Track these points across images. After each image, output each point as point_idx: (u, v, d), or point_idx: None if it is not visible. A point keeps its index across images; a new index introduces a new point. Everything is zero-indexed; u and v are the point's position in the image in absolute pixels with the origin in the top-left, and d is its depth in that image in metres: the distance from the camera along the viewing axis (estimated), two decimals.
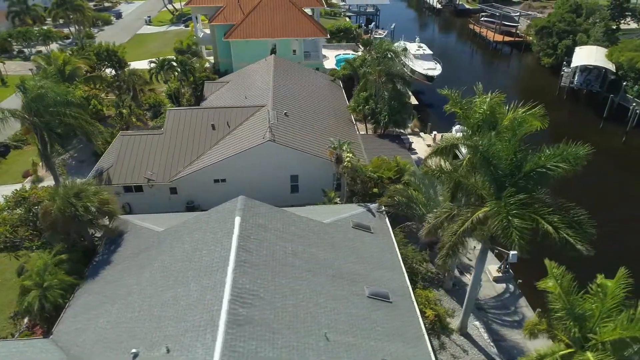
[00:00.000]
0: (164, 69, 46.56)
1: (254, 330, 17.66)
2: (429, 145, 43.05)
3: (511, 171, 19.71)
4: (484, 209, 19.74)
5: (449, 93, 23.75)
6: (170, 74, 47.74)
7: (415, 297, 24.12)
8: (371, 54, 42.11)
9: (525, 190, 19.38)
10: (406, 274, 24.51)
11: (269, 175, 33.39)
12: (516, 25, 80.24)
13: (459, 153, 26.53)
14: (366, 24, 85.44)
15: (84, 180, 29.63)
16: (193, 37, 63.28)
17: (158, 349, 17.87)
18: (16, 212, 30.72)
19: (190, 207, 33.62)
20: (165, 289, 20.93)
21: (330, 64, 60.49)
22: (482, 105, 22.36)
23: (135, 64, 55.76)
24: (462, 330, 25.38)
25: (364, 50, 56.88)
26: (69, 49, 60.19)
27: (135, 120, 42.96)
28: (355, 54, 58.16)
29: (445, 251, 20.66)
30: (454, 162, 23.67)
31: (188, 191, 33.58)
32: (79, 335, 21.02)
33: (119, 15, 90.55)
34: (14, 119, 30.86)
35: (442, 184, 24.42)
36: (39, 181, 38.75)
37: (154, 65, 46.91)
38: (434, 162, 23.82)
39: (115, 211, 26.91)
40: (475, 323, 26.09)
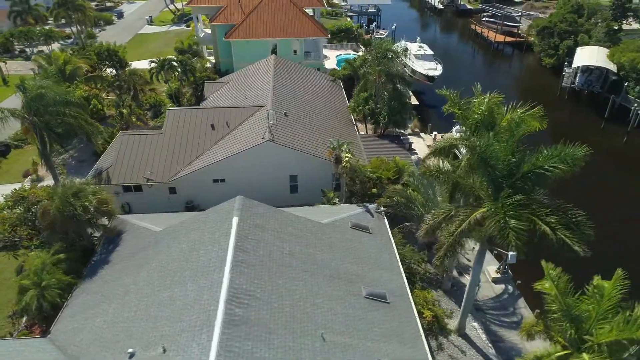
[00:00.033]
0: (165, 68, 46.61)
1: (250, 331, 17.67)
2: (429, 146, 42.92)
3: (509, 172, 19.65)
4: (482, 209, 19.65)
5: (448, 93, 23.68)
6: (170, 73, 47.80)
7: (413, 298, 24.07)
8: (372, 54, 42.05)
9: (522, 191, 19.31)
10: (404, 275, 24.43)
11: (268, 175, 33.38)
12: (518, 26, 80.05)
13: (459, 153, 26.46)
14: (367, 24, 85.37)
15: (83, 179, 29.71)
16: (194, 37, 63.31)
17: (154, 348, 17.88)
18: (15, 211, 30.76)
19: (190, 207, 33.62)
20: (162, 288, 20.94)
21: (331, 64, 60.41)
22: (481, 105, 22.28)
23: (136, 64, 55.85)
24: (460, 331, 25.32)
25: (364, 50, 56.80)
26: (70, 48, 60.32)
27: (135, 120, 43.01)
28: (356, 54, 58.06)
29: (443, 252, 20.61)
30: (452, 163, 23.63)
31: (187, 191, 33.59)
32: (76, 334, 21.03)
33: (120, 15, 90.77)
34: (13, 118, 30.93)
35: (440, 184, 24.37)
36: (39, 180, 38.84)
37: (154, 65, 46.97)
38: (433, 162, 23.78)
39: (114, 211, 26.95)
40: (473, 324, 26.02)
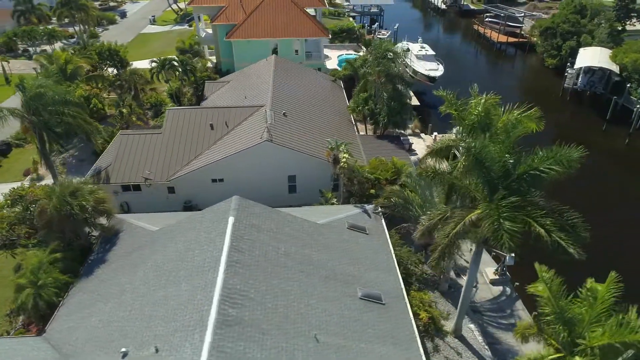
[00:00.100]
0: (165, 68, 46.70)
1: (243, 331, 17.64)
2: (429, 147, 42.68)
3: (504, 173, 19.57)
4: (477, 211, 19.60)
5: (444, 94, 23.59)
6: (171, 73, 47.88)
7: (410, 299, 24.01)
8: (372, 54, 41.97)
9: (518, 193, 19.22)
10: (400, 276, 24.35)
11: (267, 175, 33.38)
12: (520, 26, 79.77)
13: (459, 154, 26.32)
14: (370, 24, 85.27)
15: (81, 179, 29.80)
16: (195, 36, 63.40)
17: (147, 348, 17.89)
18: (13, 210, 30.88)
19: (188, 207, 33.64)
20: (157, 288, 20.97)
21: (333, 64, 60.42)
22: (477, 106, 22.15)
23: (139, 64, 55.93)
24: (457, 332, 25.22)
25: (366, 50, 56.72)
26: (71, 48, 60.51)
27: (135, 119, 43.09)
28: (357, 54, 58.00)
29: (438, 253, 20.55)
30: (450, 164, 23.52)
31: (186, 191, 33.62)
32: (72, 333, 21.09)
33: (123, 15, 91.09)
34: (13, 117, 31.06)
35: (436, 185, 24.30)
36: (39, 179, 39.01)
37: (155, 64, 47.06)
38: (430, 163, 23.70)
39: (111, 210, 26.98)
40: (470, 326, 25.92)
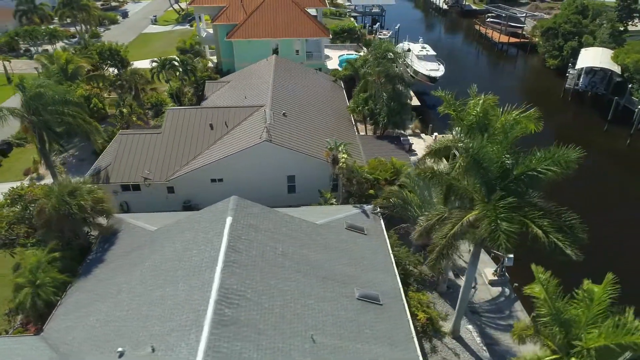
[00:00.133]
0: (166, 68, 46.74)
1: (239, 331, 17.64)
2: (427, 147, 42.66)
3: (502, 174, 19.52)
4: (474, 212, 19.55)
5: (443, 94, 23.56)
6: (172, 73, 47.92)
7: (408, 300, 23.98)
8: (372, 54, 41.94)
9: (515, 194, 19.16)
10: (398, 276, 24.31)
11: (266, 175, 33.36)
12: (522, 27, 79.63)
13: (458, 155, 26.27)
14: (371, 24, 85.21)
15: (80, 178, 29.83)
16: (196, 36, 63.44)
17: (144, 348, 17.92)
18: (13, 209, 30.94)
19: (187, 207, 33.62)
20: (154, 288, 20.98)
21: (334, 64, 60.41)
22: (476, 107, 22.11)
23: (140, 64, 55.97)
24: (455, 333, 25.16)
25: (367, 50, 56.67)
26: (72, 47, 60.64)
27: (135, 119, 43.12)
28: (358, 54, 57.96)
29: (436, 254, 20.48)
30: (448, 164, 23.50)
31: (185, 190, 33.63)
32: (69, 333, 21.11)
33: (125, 15, 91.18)
34: (13, 117, 31.12)
35: (434, 186, 24.26)
36: (39, 179, 39.08)
37: (155, 64, 47.11)
38: (428, 164, 23.67)
39: (110, 210, 27.01)
40: (468, 326, 25.86)
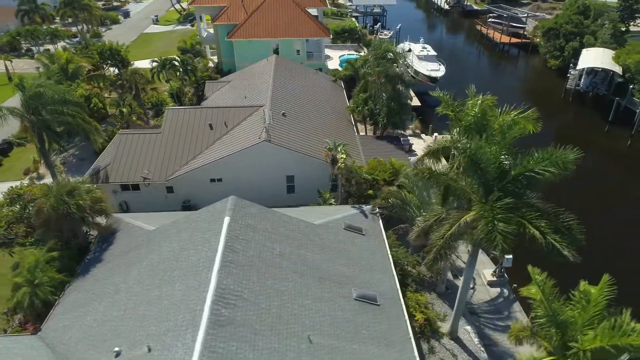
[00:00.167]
0: (166, 68, 46.78)
1: (235, 332, 17.63)
2: (425, 147, 42.62)
3: (500, 175, 19.47)
4: (472, 212, 19.51)
5: (440, 95, 23.52)
6: (172, 73, 47.95)
7: (406, 300, 23.93)
8: (372, 54, 41.90)
9: (513, 195, 19.10)
10: (396, 277, 24.26)
11: (265, 175, 33.35)
12: (523, 27, 79.44)
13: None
14: (373, 24, 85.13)
15: (80, 178, 29.88)
16: (197, 36, 63.48)
17: (140, 347, 17.92)
18: (12, 209, 30.99)
19: (187, 207, 33.63)
20: (151, 287, 20.98)
21: (335, 64, 60.41)
22: (474, 107, 22.07)
23: (141, 63, 56.03)
24: (453, 334, 25.11)
25: (367, 50, 56.64)
26: (73, 47, 60.75)
27: (135, 119, 43.16)
28: (358, 54, 57.94)
29: (433, 255, 20.42)
30: (447, 164, 23.45)
31: (184, 190, 33.66)
32: (66, 332, 21.12)
33: (126, 15, 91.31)
34: (12, 116, 31.17)
35: (432, 186, 24.22)
36: (39, 178, 39.16)
37: (155, 64, 47.15)
38: (426, 164, 23.60)
39: (108, 209, 27.01)
40: (466, 327, 25.80)
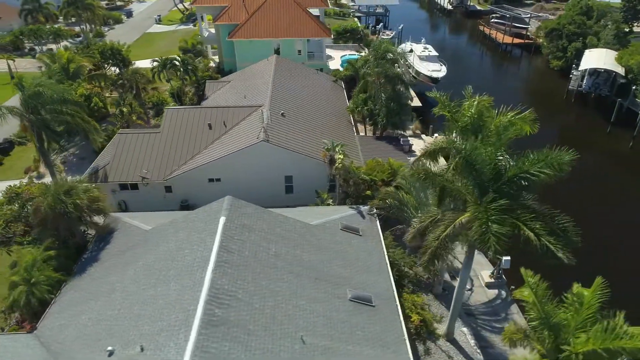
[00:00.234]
0: (166, 67, 46.85)
1: (228, 332, 17.62)
2: (422, 148, 42.46)
3: (495, 176, 19.38)
4: (467, 214, 19.43)
5: (437, 95, 23.46)
6: (173, 73, 48.03)
7: (402, 302, 23.87)
8: (372, 55, 41.83)
9: (508, 196, 19.00)
10: (392, 278, 24.19)
11: (264, 175, 33.34)
12: (526, 27, 79.18)
13: None
14: (375, 24, 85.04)
15: (78, 177, 29.97)
16: (198, 36, 63.57)
17: (133, 347, 17.94)
18: (10, 207, 31.10)
19: (185, 206, 33.65)
20: (146, 287, 21.01)
21: (336, 64, 60.38)
22: (470, 108, 21.98)
23: (144, 63, 56.13)
24: (449, 336, 25.01)
25: (368, 50, 56.54)
26: (74, 47, 60.96)
27: (135, 118, 43.25)
28: (359, 54, 57.87)
29: (428, 256, 20.35)
30: (445, 164, 23.34)
31: (183, 190, 33.70)
32: (62, 331, 21.18)
33: (129, 14, 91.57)
34: (11, 116, 31.29)
35: (428, 187, 24.15)
36: (39, 177, 39.26)
37: (156, 64, 47.24)
38: (424, 165, 23.52)
39: (106, 209, 27.08)
40: (462, 329, 25.70)
